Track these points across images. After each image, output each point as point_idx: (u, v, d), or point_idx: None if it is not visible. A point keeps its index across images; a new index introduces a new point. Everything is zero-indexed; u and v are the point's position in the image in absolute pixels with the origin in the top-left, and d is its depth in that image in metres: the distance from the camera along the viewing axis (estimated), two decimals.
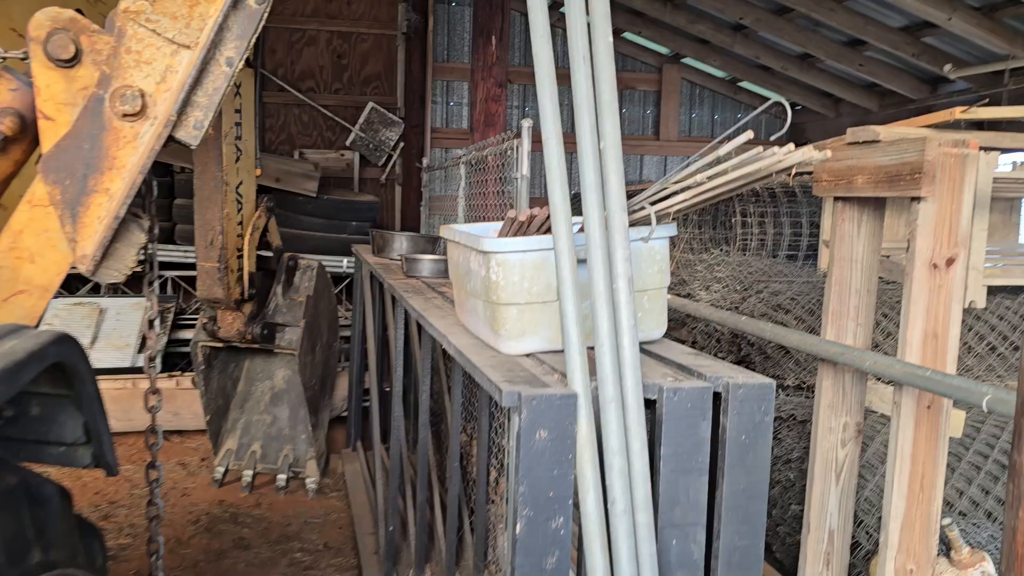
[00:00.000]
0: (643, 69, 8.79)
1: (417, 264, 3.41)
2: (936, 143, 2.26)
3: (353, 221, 6.63)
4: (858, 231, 2.69)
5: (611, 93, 1.51)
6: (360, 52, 8.20)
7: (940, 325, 2.38)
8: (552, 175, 1.52)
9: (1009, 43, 5.52)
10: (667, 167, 9.01)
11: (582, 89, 1.51)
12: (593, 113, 1.51)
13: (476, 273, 1.76)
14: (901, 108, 7.15)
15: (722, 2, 6.63)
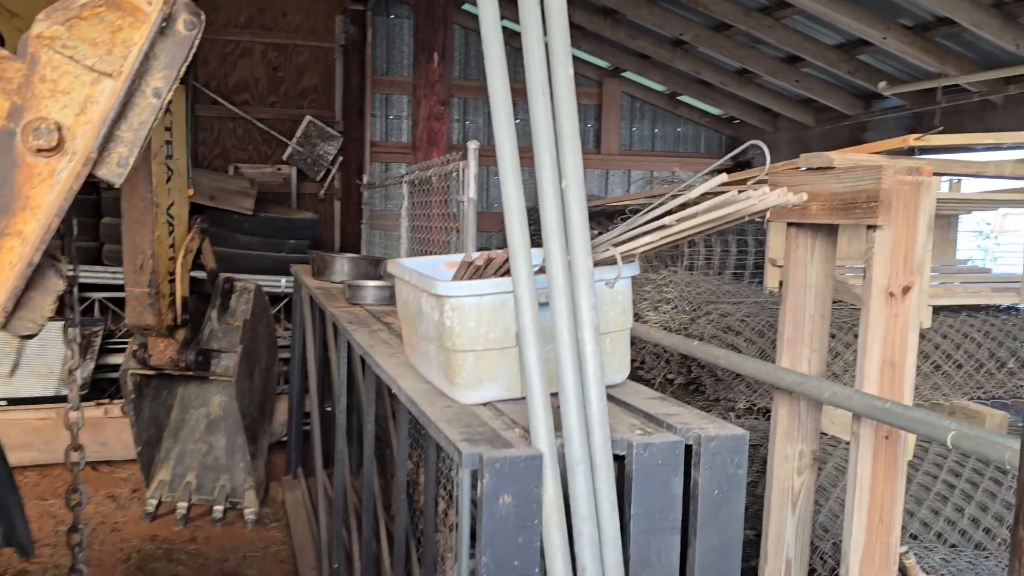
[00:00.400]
0: (584, 83, 8.78)
1: (360, 291, 3.28)
2: (891, 171, 2.24)
3: (291, 239, 6.43)
4: (812, 257, 2.66)
5: (572, 127, 1.42)
6: (297, 64, 8.00)
7: (897, 353, 2.36)
8: (511, 215, 1.42)
9: (941, 62, 5.65)
10: (609, 181, 9.02)
11: (541, 123, 1.42)
12: (554, 148, 1.42)
13: (428, 316, 1.65)
14: (837, 124, 7.28)
15: (662, 18, 6.65)
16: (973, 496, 3.28)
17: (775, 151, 7.02)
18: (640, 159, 9.06)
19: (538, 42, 1.42)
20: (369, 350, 2.24)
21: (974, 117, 6.04)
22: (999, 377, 3.81)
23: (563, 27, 1.43)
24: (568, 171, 1.40)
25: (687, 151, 9.20)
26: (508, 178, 1.44)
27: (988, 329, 3.85)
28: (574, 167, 1.40)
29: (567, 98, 1.42)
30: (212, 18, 7.67)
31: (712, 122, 9.09)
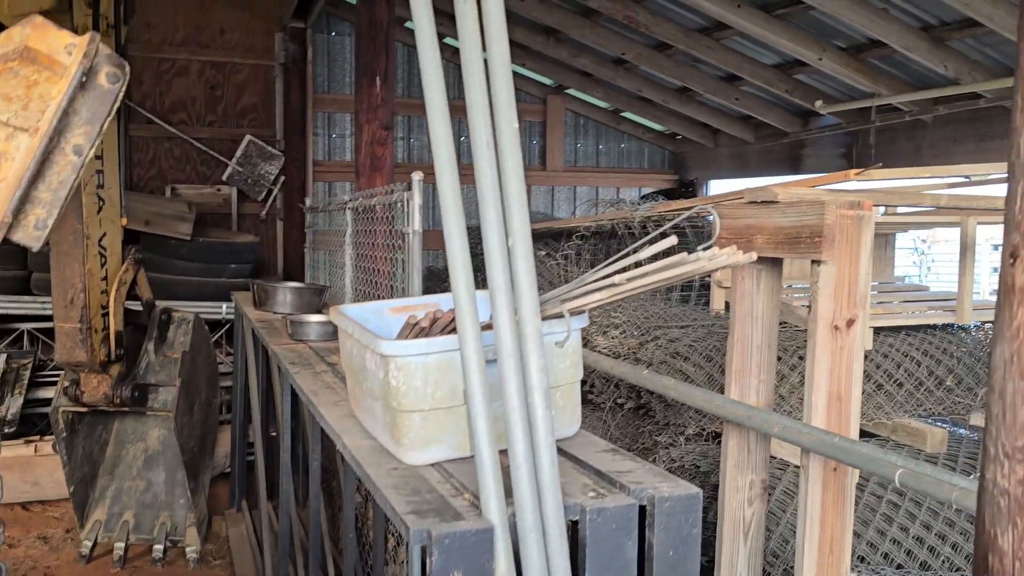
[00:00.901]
0: (528, 100, 8.80)
1: (303, 327, 3.19)
2: (834, 206, 2.26)
3: (232, 264, 6.27)
4: (758, 288, 2.67)
5: (519, 183, 1.38)
6: (235, 83, 7.83)
7: (843, 386, 2.38)
8: (456, 271, 1.38)
9: (874, 82, 5.79)
10: (555, 197, 9.04)
11: (487, 179, 1.38)
12: (499, 205, 1.38)
13: (373, 373, 1.59)
14: (776, 141, 7.41)
15: (604, 38, 6.69)
16: (917, 515, 3.34)
17: (716, 166, 7.12)
18: (585, 175, 9.10)
19: (482, 96, 1.38)
20: (313, 398, 2.17)
21: (906, 135, 6.21)
22: (938, 395, 3.89)
23: (507, 80, 1.40)
24: (515, 228, 1.36)
25: (631, 167, 9.27)
26: (453, 234, 1.40)
27: (927, 348, 3.93)
28: (521, 224, 1.36)
29: (512, 153, 1.38)
30: (146, 36, 7.48)
31: (655, 138, 9.19)
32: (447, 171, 1.41)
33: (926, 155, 6.13)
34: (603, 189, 9.17)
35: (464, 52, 1.44)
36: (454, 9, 1.49)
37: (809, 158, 7.24)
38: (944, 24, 5.07)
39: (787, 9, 5.34)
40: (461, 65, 1.46)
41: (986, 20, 4.52)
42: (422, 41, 1.50)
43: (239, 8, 7.73)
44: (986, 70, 5.25)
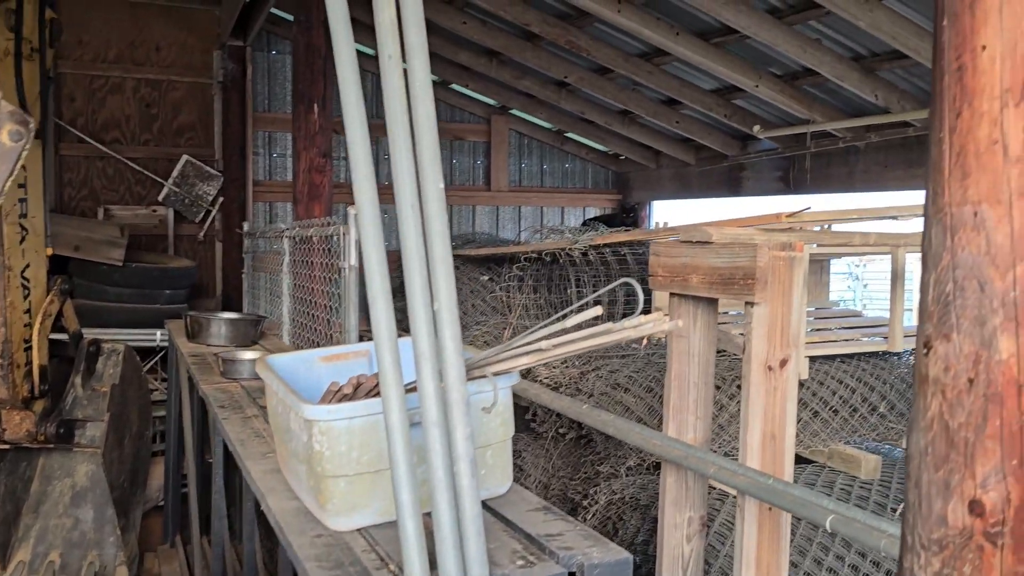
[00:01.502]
0: (472, 120, 8.79)
1: (235, 365, 3.10)
2: (766, 248, 2.29)
3: (167, 290, 6.10)
4: (694, 326, 2.69)
5: (444, 246, 1.35)
6: (172, 101, 7.65)
7: (777, 426, 2.40)
8: (381, 336, 1.34)
9: (808, 108, 5.93)
10: (499, 217, 9.03)
11: (412, 242, 1.35)
12: (425, 270, 1.35)
13: (297, 436, 1.54)
14: (716, 163, 7.53)
15: (546, 61, 6.73)
16: (853, 544, 3.39)
17: (658, 187, 7.18)
18: (530, 195, 9.12)
19: (407, 157, 1.35)
20: (240, 448, 2.10)
21: (840, 160, 6.36)
22: (872, 421, 3.97)
23: (432, 141, 1.37)
24: (441, 294, 1.33)
25: (575, 186, 9.33)
26: (378, 298, 1.36)
27: (860, 375, 4.01)
28: (447, 290, 1.33)
29: (438, 215, 1.35)
30: (78, 53, 7.26)
31: (598, 158, 9.26)
32: (371, 232, 1.37)
33: (859, 180, 6.29)
34: (548, 209, 9.20)
35: (389, 112, 1.41)
36: (378, 65, 1.46)
37: (748, 180, 7.37)
38: (874, 55, 5.21)
39: (724, 38, 5.43)
40: (386, 123, 1.43)
41: (912, 53, 4.66)
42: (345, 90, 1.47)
43: (176, 25, 7.57)
44: (914, 99, 5.41)
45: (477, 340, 5.00)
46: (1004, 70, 0.80)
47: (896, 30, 4.52)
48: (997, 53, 0.81)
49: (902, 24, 4.53)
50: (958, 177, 0.84)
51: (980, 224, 0.82)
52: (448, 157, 8.79)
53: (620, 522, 3.62)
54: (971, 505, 0.83)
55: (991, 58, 0.81)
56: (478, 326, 5.12)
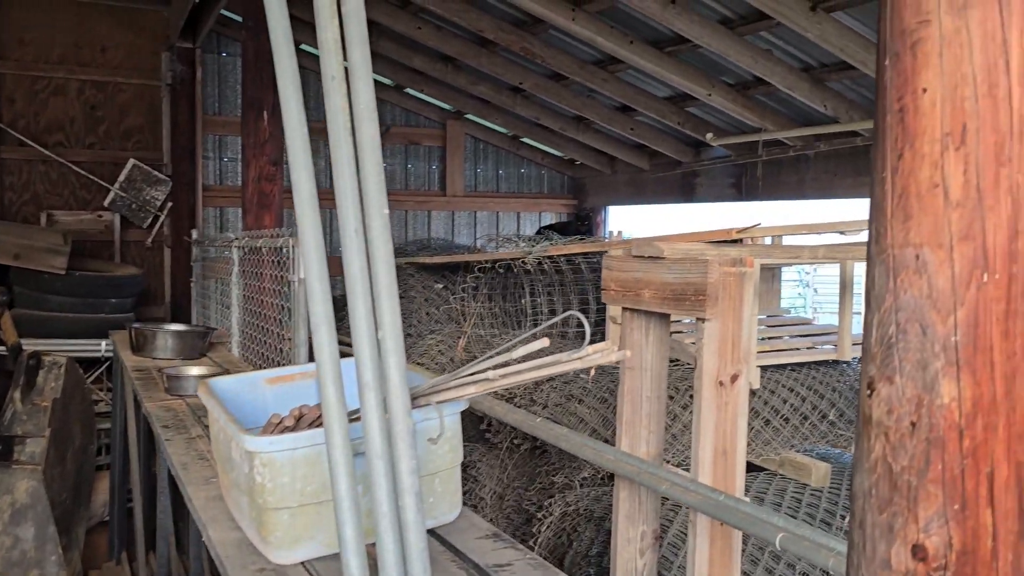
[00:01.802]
0: (427, 124, 8.74)
1: (180, 382, 3.01)
2: (717, 264, 2.30)
3: (112, 299, 5.94)
4: (647, 340, 2.69)
5: (388, 272, 1.32)
6: (119, 103, 7.45)
7: (728, 441, 2.41)
8: (324, 369, 1.30)
9: (760, 117, 6.00)
10: (455, 222, 8.99)
11: (355, 268, 1.31)
12: (369, 297, 1.31)
13: (239, 466, 1.49)
14: (670, 170, 7.59)
15: (501, 67, 6.71)
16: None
17: (613, 192, 7.22)
18: (485, 200, 9.09)
19: (351, 181, 1.32)
20: (183, 472, 2.03)
21: (791, 168, 6.46)
22: (822, 428, 4.03)
23: (376, 164, 1.34)
24: (385, 321, 1.30)
25: (531, 191, 9.33)
26: (321, 326, 1.33)
27: (811, 383, 4.07)
28: (391, 317, 1.30)
29: (383, 242, 1.32)
30: (20, 53, 7.04)
31: (554, 163, 9.27)
32: (314, 258, 1.33)
33: (809, 187, 6.39)
34: (504, 214, 9.19)
35: (332, 134, 1.37)
36: (322, 85, 1.43)
37: (702, 187, 7.45)
38: (823, 66, 5.30)
39: (677, 47, 5.47)
40: (330, 148, 1.39)
41: (860, 64, 4.75)
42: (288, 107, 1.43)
43: (122, 25, 7.39)
44: (862, 109, 5.51)
45: (431, 349, 4.97)
46: (944, 113, 0.80)
47: (844, 42, 4.60)
48: (938, 96, 0.81)
49: (850, 36, 4.60)
50: (900, 219, 0.83)
51: (922, 267, 0.82)
52: (403, 162, 8.73)
53: (575, 534, 3.61)
54: (914, 549, 0.82)
55: (932, 101, 0.81)
56: (432, 335, 5.08)
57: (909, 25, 0.82)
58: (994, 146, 0.78)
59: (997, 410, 0.79)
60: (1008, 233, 0.78)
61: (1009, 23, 0.77)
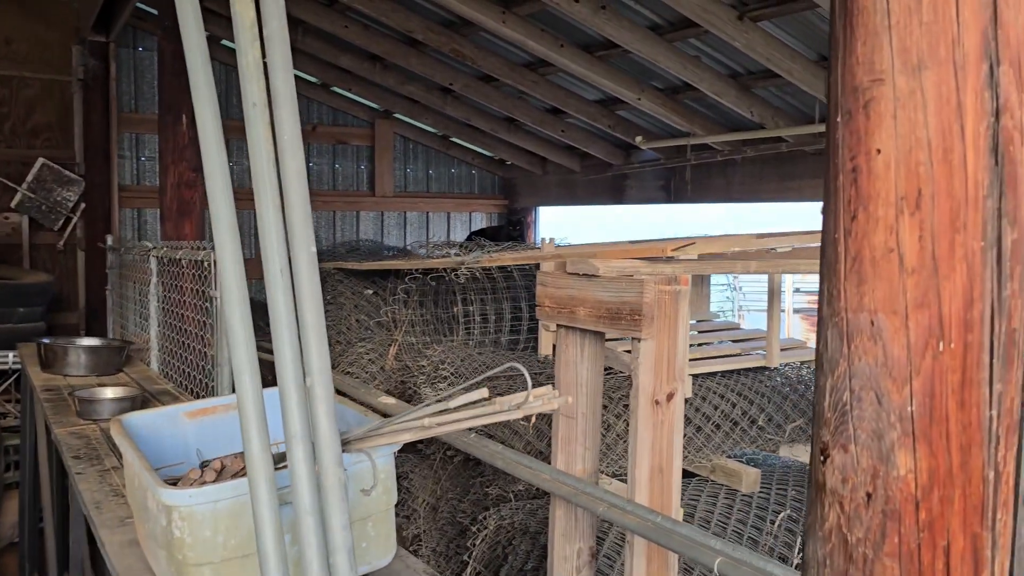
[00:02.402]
0: (355, 123, 8.58)
1: (94, 406, 2.85)
2: (652, 283, 2.28)
3: (20, 308, 5.62)
4: (582, 356, 2.66)
5: (316, 312, 1.25)
6: (25, 99, 7.07)
7: (665, 459, 2.41)
8: (248, 420, 1.22)
9: (689, 122, 6.07)
10: (384, 223, 8.85)
11: (281, 309, 1.23)
12: (296, 341, 1.23)
13: (155, 518, 1.39)
14: (601, 172, 7.62)
15: (430, 67, 6.62)
16: None
17: (544, 193, 7.18)
18: (416, 200, 8.97)
19: (275, 219, 1.23)
20: (95, 513, 1.90)
21: (719, 172, 6.56)
22: (751, 434, 4.09)
23: (302, 195, 1.26)
24: (313, 367, 1.23)
25: (462, 192, 9.25)
26: (243, 369, 1.24)
27: (740, 388, 4.12)
28: (320, 361, 1.23)
29: (309, 280, 1.24)
30: None
31: (485, 163, 9.22)
32: (236, 300, 1.25)
33: (736, 191, 6.50)
34: (434, 214, 9.09)
35: (255, 165, 1.29)
36: (243, 112, 1.34)
37: (632, 189, 7.50)
38: (750, 73, 5.38)
39: (607, 51, 5.48)
40: (252, 181, 1.31)
41: (785, 73, 4.83)
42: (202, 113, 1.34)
43: (29, 17, 7.00)
44: (787, 116, 5.62)
45: (361, 358, 4.86)
46: (899, 177, 0.78)
47: (770, 51, 4.67)
48: (892, 158, 0.78)
49: (775, 45, 4.68)
50: (854, 282, 0.81)
51: (877, 334, 0.79)
52: (331, 161, 8.55)
53: (510, 547, 3.57)
54: None
55: (886, 163, 0.78)
56: (362, 343, 4.97)
57: (862, 83, 0.79)
58: (949, 212, 0.76)
59: (953, 482, 0.77)
60: (963, 301, 0.76)
61: (964, 86, 0.75)
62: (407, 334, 4.88)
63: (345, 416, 1.71)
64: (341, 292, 5.34)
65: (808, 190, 5.98)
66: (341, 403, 1.73)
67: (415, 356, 4.78)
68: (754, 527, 3.63)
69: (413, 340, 4.84)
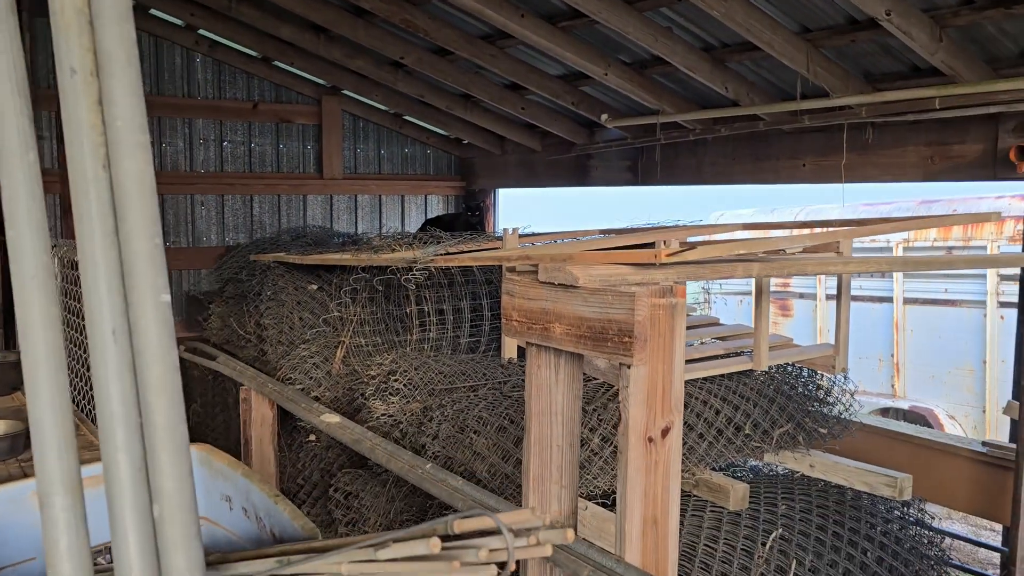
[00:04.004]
0: (300, 100, 8.02)
1: None
2: (645, 297, 1.86)
3: None
4: (556, 378, 2.24)
5: (171, 402, 0.80)
6: None
7: (659, 508, 2.00)
8: (54, 533, 0.77)
9: (658, 99, 5.66)
10: (333, 207, 8.33)
11: (115, 397, 0.78)
12: (138, 449, 0.78)
13: None
14: (563, 153, 7.19)
15: (380, 39, 6.10)
16: None
17: (503, 174, 6.70)
18: (367, 182, 8.45)
19: (106, 263, 0.78)
20: None
21: (689, 151, 6.17)
22: (737, 443, 3.72)
23: (148, 214, 0.80)
24: (165, 487, 0.78)
25: (416, 172, 8.75)
26: (45, 431, 0.79)
27: (724, 393, 3.75)
28: (176, 481, 0.78)
29: (161, 350, 0.79)
30: None
31: (440, 143, 8.73)
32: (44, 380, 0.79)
33: (707, 172, 6.13)
34: (387, 197, 8.58)
35: (74, 168, 0.83)
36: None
37: (596, 170, 7.09)
38: (725, 46, 4.98)
39: (572, 21, 5.03)
40: (71, 190, 0.85)
41: (765, 46, 4.43)
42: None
43: None
44: (763, 93, 5.25)
45: (304, 362, 4.39)
46: None
47: (750, 22, 4.27)
48: None
49: (756, 16, 4.28)
50: None
51: None
52: (274, 141, 7.99)
53: None
54: None
55: None
56: (305, 345, 4.50)
57: None
58: None
59: None
60: None
61: None
62: (356, 334, 4.42)
63: (250, 496, 1.26)
64: (282, 288, 4.85)
65: (784, 171, 5.63)
66: (246, 477, 1.28)
67: (365, 359, 4.32)
68: (744, 551, 3.28)
69: (363, 341, 4.38)
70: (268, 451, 3.99)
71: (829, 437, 4.04)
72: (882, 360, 8.46)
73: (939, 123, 4.58)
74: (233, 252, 7.03)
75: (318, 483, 4.57)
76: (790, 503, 3.63)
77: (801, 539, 3.49)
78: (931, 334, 8.02)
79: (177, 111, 7.44)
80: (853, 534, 3.62)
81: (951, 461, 4.56)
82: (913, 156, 4.82)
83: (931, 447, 4.61)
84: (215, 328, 6.00)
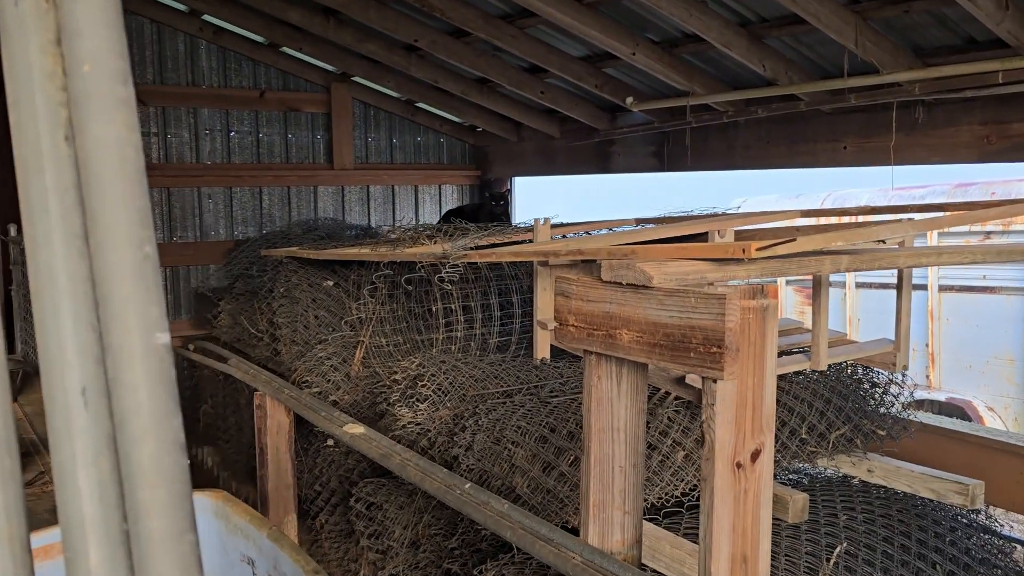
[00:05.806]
0: (309, 88, 7.72)
1: None
2: (736, 299, 1.57)
3: None
4: (618, 390, 1.96)
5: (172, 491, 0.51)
6: None
7: (750, 543, 1.72)
8: None
9: (688, 79, 5.35)
10: (345, 198, 8.04)
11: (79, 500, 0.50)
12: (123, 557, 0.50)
13: None
14: (584, 138, 6.89)
15: (393, 21, 5.80)
16: None
17: (520, 162, 6.36)
18: (379, 172, 8.16)
19: (68, 275, 0.49)
20: None
21: (719, 134, 5.87)
22: (793, 449, 3.44)
23: (139, 220, 0.52)
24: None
25: (429, 162, 8.45)
26: None
27: (780, 396, 3.46)
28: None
29: (149, 391, 0.50)
30: None
31: (454, 130, 8.42)
32: None
33: (739, 156, 5.82)
34: (400, 188, 8.29)
35: (16, 131, 0.55)
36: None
37: (618, 156, 6.79)
38: (763, 20, 4.66)
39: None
40: (20, 206, 0.57)
41: (812, 18, 4.12)
42: None
43: None
44: (803, 71, 4.93)
45: (322, 364, 4.11)
46: None
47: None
48: None
49: None
50: None
51: None
52: (282, 131, 7.70)
53: None
54: None
55: None
56: (322, 345, 4.22)
57: None
58: None
59: None
60: None
61: None
62: (376, 334, 4.14)
63: (280, 566, 0.98)
64: (296, 284, 4.57)
65: (823, 154, 5.31)
66: (274, 541, 1.01)
67: (386, 360, 4.05)
68: (808, 567, 3.00)
69: (383, 341, 4.11)
70: (285, 460, 3.72)
71: (887, 439, 3.76)
72: (916, 350, 8.14)
73: (997, 99, 4.26)
74: (242, 246, 6.77)
75: (336, 490, 4.31)
76: (851, 513, 3.35)
77: (867, 553, 3.20)
78: (968, 322, 7.69)
79: (182, 100, 7.16)
80: (922, 546, 3.32)
81: (1011, 462, 4.27)
82: (967, 135, 4.51)
83: (991, 446, 4.31)
84: (225, 326, 5.74)
